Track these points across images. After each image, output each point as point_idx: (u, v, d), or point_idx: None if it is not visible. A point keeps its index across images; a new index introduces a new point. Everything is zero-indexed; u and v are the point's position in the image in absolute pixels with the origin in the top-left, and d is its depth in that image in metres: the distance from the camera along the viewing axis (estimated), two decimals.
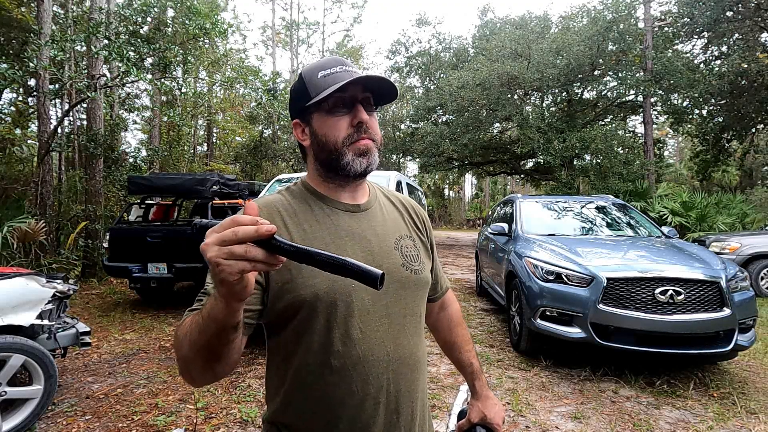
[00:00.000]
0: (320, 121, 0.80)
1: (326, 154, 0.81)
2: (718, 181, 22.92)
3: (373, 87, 0.81)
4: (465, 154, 15.75)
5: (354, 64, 0.77)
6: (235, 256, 0.49)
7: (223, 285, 0.52)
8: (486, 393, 1.04)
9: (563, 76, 12.82)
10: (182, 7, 9.49)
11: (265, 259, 0.50)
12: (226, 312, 0.56)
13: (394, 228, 0.89)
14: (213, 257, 0.50)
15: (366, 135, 0.79)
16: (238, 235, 0.49)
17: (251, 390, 3.21)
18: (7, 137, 11.80)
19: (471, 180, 43.22)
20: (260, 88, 11.15)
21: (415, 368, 0.84)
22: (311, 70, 0.81)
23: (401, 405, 0.81)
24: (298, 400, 0.78)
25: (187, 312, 0.72)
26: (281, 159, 17.90)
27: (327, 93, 0.75)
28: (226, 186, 6.67)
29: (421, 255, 0.91)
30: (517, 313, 4.10)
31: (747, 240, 6.97)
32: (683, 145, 31.64)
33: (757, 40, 12.82)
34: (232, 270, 0.50)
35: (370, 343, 0.77)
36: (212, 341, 0.61)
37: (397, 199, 0.98)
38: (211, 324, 0.59)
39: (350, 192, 0.86)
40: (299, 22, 26.08)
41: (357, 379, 0.76)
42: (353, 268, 0.51)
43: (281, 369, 0.80)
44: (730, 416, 2.82)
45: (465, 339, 1.09)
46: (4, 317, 2.60)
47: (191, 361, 0.65)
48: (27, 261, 6.87)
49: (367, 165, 0.80)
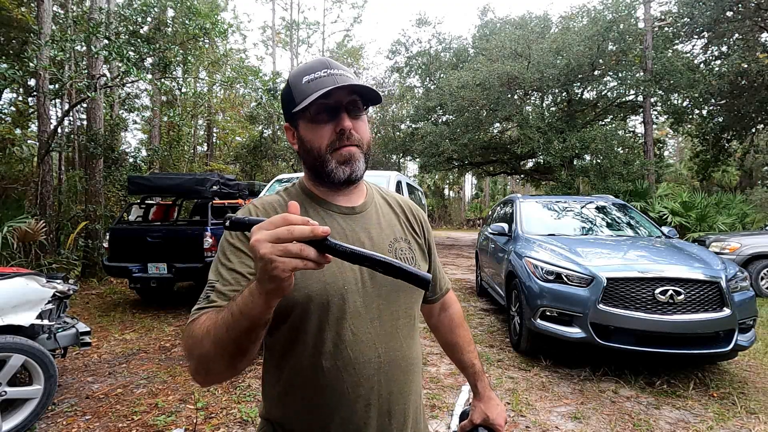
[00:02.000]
0: (305, 128, 0.81)
1: (312, 161, 0.81)
2: (718, 181, 22.94)
3: (359, 90, 0.79)
4: (465, 154, 15.73)
5: (342, 64, 0.77)
6: (290, 254, 0.51)
7: (273, 281, 0.53)
8: (488, 394, 1.04)
9: (563, 76, 12.81)
10: (182, 7, 9.49)
11: (316, 258, 0.52)
12: (264, 308, 0.57)
13: (389, 230, 0.89)
14: (267, 254, 0.51)
15: (349, 142, 0.79)
16: (294, 234, 0.51)
17: (251, 390, 3.21)
18: (7, 137, 11.80)
19: (471, 180, 43.23)
20: (260, 88, 11.16)
21: (408, 370, 0.84)
22: (296, 75, 0.80)
23: (393, 407, 0.81)
24: (291, 399, 0.79)
25: (196, 310, 0.71)
26: (281, 159, 17.90)
27: (309, 101, 0.75)
28: (226, 186, 6.67)
29: (417, 257, 0.91)
30: (517, 313, 4.10)
31: (747, 240, 6.97)
32: (683, 145, 31.64)
33: (757, 40, 12.82)
34: (286, 267, 0.51)
35: (361, 345, 0.77)
36: (241, 337, 0.61)
37: (394, 200, 0.98)
38: (243, 321, 0.59)
39: (345, 195, 0.86)
40: (299, 22, 26.11)
41: (348, 381, 0.76)
42: (405, 270, 0.55)
43: (275, 368, 0.81)
44: (730, 416, 2.82)
45: (466, 340, 1.09)
46: (4, 317, 2.60)
47: (213, 358, 0.64)
48: (27, 261, 6.87)
49: (350, 173, 0.80)
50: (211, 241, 5.57)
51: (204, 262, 5.52)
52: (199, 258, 5.54)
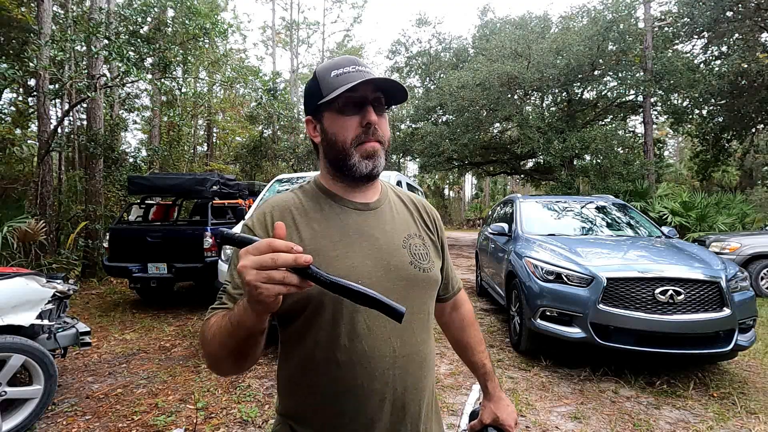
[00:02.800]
0: (330, 119, 0.82)
1: (335, 153, 0.83)
2: (718, 181, 22.93)
3: (385, 87, 0.82)
4: (465, 154, 15.73)
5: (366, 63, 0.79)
6: (274, 281, 0.54)
7: (259, 304, 0.57)
8: (498, 394, 1.04)
9: (563, 76, 12.81)
10: (182, 7, 9.49)
11: (299, 284, 0.56)
12: (257, 321, 0.62)
13: (403, 226, 0.90)
14: (252, 281, 0.54)
15: (374, 137, 0.81)
16: (277, 263, 0.54)
17: (251, 390, 3.21)
18: (7, 137, 11.79)
19: (471, 180, 43.23)
20: (260, 88, 11.16)
21: (422, 365, 0.84)
22: (325, 69, 0.82)
23: (408, 402, 0.81)
24: (306, 392, 0.80)
25: (211, 310, 0.77)
26: (281, 159, 17.88)
27: (338, 93, 0.77)
28: (226, 186, 6.67)
29: (431, 254, 0.91)
30: (517, 313, 4.10)
31: (747, 240, 6.97)
32: (683, 145, 31.64)
33: (757, 40, 12.81)
34: (269, 293, 0.55)
35: (375, 339, 0.78)
36: (240, 344, 0.67)
37: (408, 198, 0.99)
38: (240, 331, 0.64)
39: (361, 191, 0.88)
40: (299, 22, 26.11)
41: (362, 375, 0.77)
42: (380, 301, 0.58)
43: (290, 361, 0.83)
44: (730, 416, 2.82)
45: (477, 340, 1.08)
46: (4, 317, 2.60)
47: (220, 359, 0.71)
48: (27, 261, 6.87)
49: (372, 167, 0.82)
50: (210, 241, 5.56)
51: (204, 262, 5.51)
52: (199, 258, 5.54)
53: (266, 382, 3.38)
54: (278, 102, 10.68)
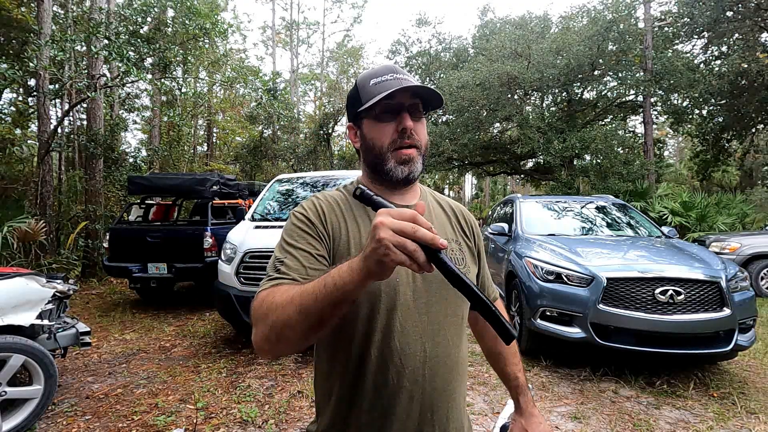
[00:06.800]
0: (369, 126, 0.86)
1: (372, 158, 0.86)
2: (718, 181, 22.93)
3: (422, 93, 0.85)
4: (465, 154, 15.72)
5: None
6: (405, 250, 0.52)
7: (379, 265, 0.55)
8: (531, 410, 1.01)
9: (563, 76, 12.80)
10: (182, 7, 9.48)
11: (423, 264, 0.54)
12: (359, 285, 0.59)
13: (440, 231, 0.90)
14: (386, 239, 0.52)
15: (409, 141, 0.83)
16: (416, 234, 0.53)
17: (251, 390, 3.21)
18: (7, 137, 11.80)
19: (471, 180, 43.22)
20: (260, 88, 11.16)
21: (453, 369, 0.85)
22: (365, 77, 0.87)
23: (436, 403, 0.82)
24: (337, 387, 0.82)
25: (267, 281, 0.74)
26: (281, 159, 17.88)
27: (375, 100, 0.81)
28: (226, 186, 6.67)
29: (467, 259, 0.93)
30: (517, 313, 4.10)
31: (747, 240, 6.96)
32: (683, 145, 31.64)
33: (757, 40, 12.80)
34: (396, 258, 0.53)
35: (408, 337, 0.80)
36: (326, 309, 0.62)
37: (446, 203, 1.01)
38: (336, 293, 0.61)
39: (400, 193, 0.90)
40: (299, 22, 26.11)
41: (393, 371, 0.79)
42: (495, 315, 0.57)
43: (323, 355, 0.86)
44: (730, 416, 2.82)
45: (511, 351, 1.05)
46: (4, 317, 2.60)
47: (292, 325, 0.65)
48: (27, 261, 6.87)
49: (408, 173, 0.84)
50: (211, 241, 5.56)
51: (204, 262, 5.51)
52: (199, 258, 5.54)
53: (266, 382, 3.37)
54: (278, 102, 10.67)
